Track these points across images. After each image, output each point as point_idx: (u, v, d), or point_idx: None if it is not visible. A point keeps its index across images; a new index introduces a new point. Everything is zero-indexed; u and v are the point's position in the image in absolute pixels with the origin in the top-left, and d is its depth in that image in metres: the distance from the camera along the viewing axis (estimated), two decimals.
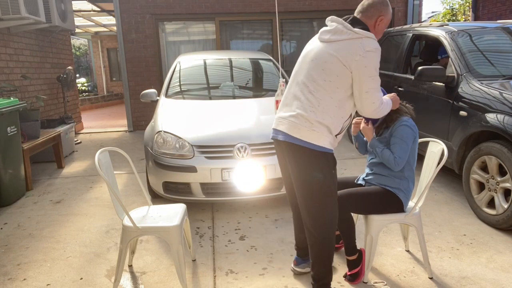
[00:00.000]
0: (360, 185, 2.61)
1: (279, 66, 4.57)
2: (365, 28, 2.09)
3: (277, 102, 2.38)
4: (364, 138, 2.64)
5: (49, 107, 6.79)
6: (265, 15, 8.03)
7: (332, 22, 2.13)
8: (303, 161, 2.09)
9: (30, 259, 2.88)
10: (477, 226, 3.19)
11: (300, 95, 2.12)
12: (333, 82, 2.03)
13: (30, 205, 3.97)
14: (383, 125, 2.49)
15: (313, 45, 2.18)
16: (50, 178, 4.88)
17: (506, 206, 3.01)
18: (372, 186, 2.48)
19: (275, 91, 4.64)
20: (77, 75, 13.98)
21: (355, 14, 2.19)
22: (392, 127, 2.42)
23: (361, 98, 2.05)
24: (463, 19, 15.00)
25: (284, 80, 2.39)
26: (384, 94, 2.46)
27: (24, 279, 2.61)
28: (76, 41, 16.76)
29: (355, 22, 2.10)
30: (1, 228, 3.44)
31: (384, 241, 2.99)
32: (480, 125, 3.26)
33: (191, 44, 8.29)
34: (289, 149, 2.12)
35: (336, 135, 2.14)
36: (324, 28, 2.15)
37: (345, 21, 2.11)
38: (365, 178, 2.58)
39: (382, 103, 2.09)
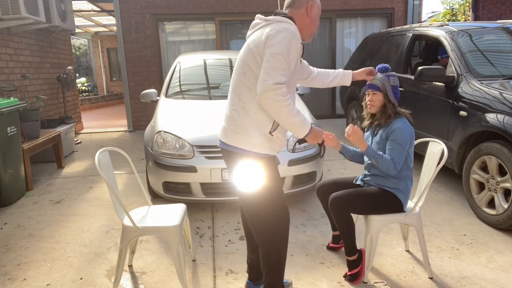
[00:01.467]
0: (359, 185, 2.61)
1: None
2: (287, 15, 1.99)
3: None
4: (353, 149, 2.61)
5: (49, 107, 6.79)
6: (265, 15, 8.02)
7: (254, 21, 2.08)
8: (234, 167, 2.03)
9: (30, 259, 2.88)
10: (477, 226, 3.20)
11: (228, 98, 2.07)
12: (248, 73, 1.92)
13: (30, 205, 3.97)
14: (380, 122, 2.46)
15: None
16: (50, 178, 4.88)
17: (506, 206, 3.01)
18: (371, 187, 2.48)
19: None
20: (77, 75, 13.98)
21: (283, 10, 2.08)
22: (387, 126, 2.41)
23: (260, 75, 1.84)
24: (463, 19, 15.00)
25: None
26: (397, 96, 2.45)
27: (24, 279, 2.61)
28: (76, 41, 16.77)
29: (276, 14, 2.02)
30: (1, 228, 3.44)
31: (384, 241, 2.99)
32: (480, 125, 3.26)
33: (191, 44, 8.29)
34: (223, 155, 2.10)
35: (270, 133, 1.96)
36: None
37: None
38: (363, 179, 2.58)
39: (280, 92, 1.79)
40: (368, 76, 2.49)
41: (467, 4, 14.83)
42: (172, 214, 2.50)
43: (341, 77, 2.50)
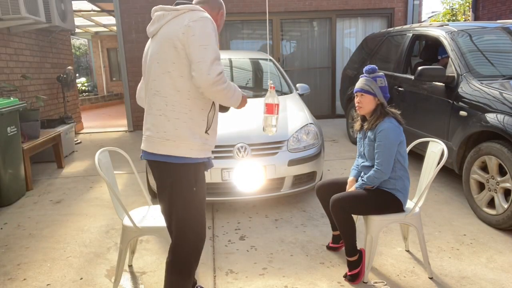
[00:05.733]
0: None
1: (279, 65, 4.56)
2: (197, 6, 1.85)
3: (266, 105, 2.24)
4: (357, 171, 2.66)
5: (49, 107, 6.79)
6: (265, 15, 8.03)
7: (155, 12, 1.89)
8: (161, 178, 1.85)
9: (30, 259, 2.88)
10: (477, 226, 3.19)
11: (149, 103, 1.85)
12: (173, 72, 1.76)
13: (30, 205, 3.97)
14: (369, 126, 2.47)
15: (147, 45, 1.95)
16: (50, 178, 4.88)
17: (506, 206, 3.01)
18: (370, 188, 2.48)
19: (275, 91, 4.64)
20: (77, 75, 13.97)
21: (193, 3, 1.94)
22: (375, 128, 2.42)
23: (195, 71, 1.70)
24: (463, 19, 15.00)
25: (272, 81, 2.28)
26: (387, 96, 2.46)
27: (24, 279, 2.61)
28: (76, 41, 16.77)
29: (180, 3, 1.85)
30: (1, 228, 3.44)
31: (384, 241, 2.99)
32: (480, 125, 3.26)
33: None
34: (151, 167, 1.90)
35: (207, 132, 1.85)
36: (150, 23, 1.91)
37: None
38: (362, 179, 2.58)
39: (223, 80, 1.73)
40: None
41: (467, 4, 14.83)
42: None
43: None
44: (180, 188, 1.81)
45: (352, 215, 2.44)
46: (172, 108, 1.78)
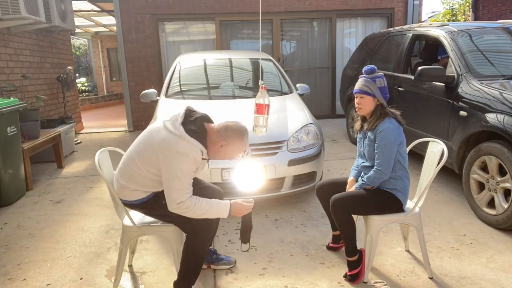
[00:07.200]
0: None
1: (278, 65, 4.56)
2: (199, 134, 2.11)
3: (256, 105, 2.28)
4: (358, 171, 2.66)
5: (49, 107, 6.79)
6: (265, 15, 8.03)
7: (180, 113, 2.18)
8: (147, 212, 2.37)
9: (30, 259, 2.88)
10: (477, 226, 3.19)
11: (127, 160, 2.30)
12: (149, 165, 2.15)
13: (30, 205, 3.97)
14: (369, 127, 2.47)
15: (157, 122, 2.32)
16: (50, 178, 4.88)
17: (506, 206, 3.01)
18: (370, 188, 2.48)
19: (276, 91, 4.65)
20: (77, 75, 13.97)
21: (210, 122, 2.25)
22: (375, 128, 2.41)
23: (164, 192, 2.10)
24: (463, 19, 15.00)
25: (263, 82, 2.32)
26: (386, 96, 2.45)
27: (24, 279, 2.61)
28: (76, 41, 16.76)
29: (192, 123, 2.13)
30: (1, 228, 3.44)
31: (384, 241, 2.99)
32: (480, 125, 3.26)
33: (191, 44, 8.28)
34: None
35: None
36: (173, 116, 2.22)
37: (189, 117, 2.17)
38: (362, 179, 2.58)
39: (185, 207, 2.05)
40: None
41: (467, 4, 14.84)
42: None
43: None
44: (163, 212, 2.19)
45: (352, 215, 2.44)
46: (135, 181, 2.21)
